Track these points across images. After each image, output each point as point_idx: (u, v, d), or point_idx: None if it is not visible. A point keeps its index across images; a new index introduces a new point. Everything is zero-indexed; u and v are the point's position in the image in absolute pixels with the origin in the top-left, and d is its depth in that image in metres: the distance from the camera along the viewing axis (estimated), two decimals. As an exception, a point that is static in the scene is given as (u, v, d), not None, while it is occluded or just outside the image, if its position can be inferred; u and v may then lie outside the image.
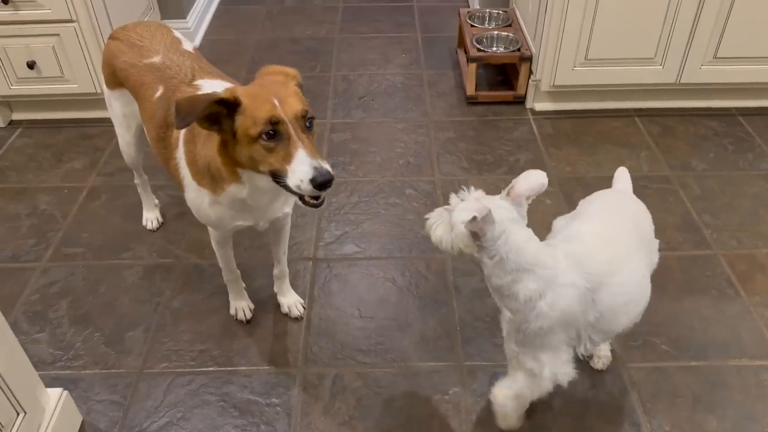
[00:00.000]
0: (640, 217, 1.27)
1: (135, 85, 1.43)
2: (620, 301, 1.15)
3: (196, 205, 1.31)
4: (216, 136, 1.13)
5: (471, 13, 2.65)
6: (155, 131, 1.36)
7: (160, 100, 1.35)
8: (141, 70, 1.41)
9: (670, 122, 2.31)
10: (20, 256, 1.80)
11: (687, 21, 2.10)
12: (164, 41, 1.45)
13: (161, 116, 1.34)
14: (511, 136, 2.27)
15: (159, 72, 1.38)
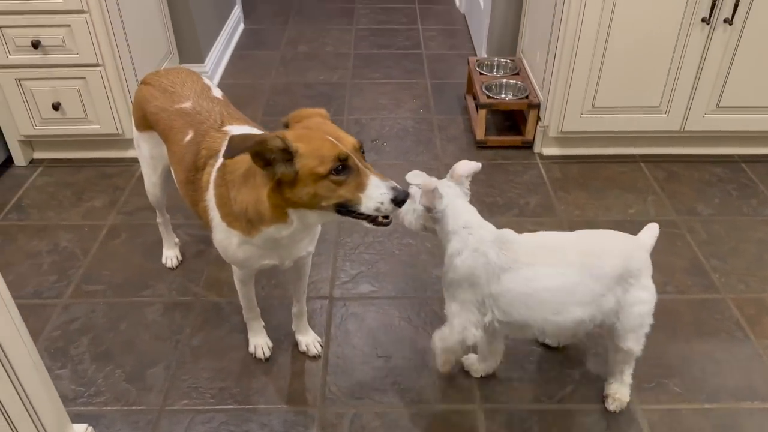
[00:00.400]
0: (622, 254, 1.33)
1: (165, 128, 1.48)
2: (521, 290, 1.30)
3: (224, 246, 1.35)
4: (257, 181, 1.17)
5: (480, 61, 2.74)
6: (184, 174, 1.40)
7: (189, 144, 1.40)
8: (171, 115, 1.47)
9: (675, 168, 2.37)
10: (42, 292, 1.83)
11: (690, 72, 2.18)
12: (194, 88, 1.51)
13: (190, 160, 1.38)
14: (520, 179, 2.33)
15: (189, 117, 1.44)
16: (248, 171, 1.19)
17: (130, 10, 2.28)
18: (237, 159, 1.18)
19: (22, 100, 2.23)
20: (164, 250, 1.94)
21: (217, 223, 1.31)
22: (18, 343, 1.11)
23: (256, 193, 1.19)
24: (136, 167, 2.38)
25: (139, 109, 1.56)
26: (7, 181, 2.31)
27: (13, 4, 2.03)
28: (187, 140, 1.41)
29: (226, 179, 1.25)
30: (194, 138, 1.40)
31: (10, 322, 1.09)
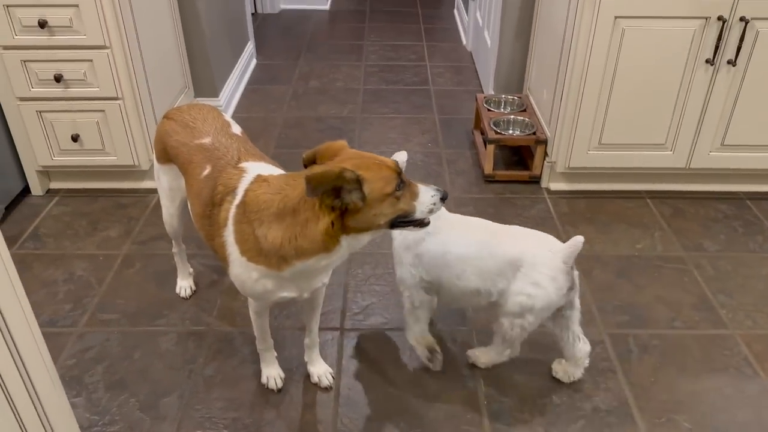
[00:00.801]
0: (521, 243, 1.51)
1: (184, 162, 1.53)
2: (435, 252, 1.54)
3: (241, 281, 1.36)
4: (303, 217, 1.20)
5: (487, 98, 2.80)
6: (201, 208, 1.43)
7: (207, 179, 1.43)
8: (191, 150, 1.51)
9: (681, 204, 2.41)
10: (57, 321, 1.86)
11: (695, 111, 2.23)
12: (215, 124, 1.56)
13: (207, 195, 1.41)
14: (528, 213, 2.36)
15: (208, 152, 1.48)
16: (283, 209, 1.22)
17: (150, 46, 2.35)
18: (261, 197, 1.24)
19: (42, 132, 2.28)
20: (178, 279, 1.97)
21: (235, 258, 1.33)
22: (41, 368, 1.13)
23: (297, 229, 1.21)
24: (150, 198, 2.42)
25: (160, 142, 1.61)
26: (24, 210, 2.35)
27: (38, 39, 2.10)
28: (204, 175, 1.44)
29: (249, 217, 1.27)
30: (211, 173, 1.43)
31: (34, 347, 1.12)
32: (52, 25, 2.08)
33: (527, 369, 1.71)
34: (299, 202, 1.20)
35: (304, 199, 1.19)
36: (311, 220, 1.20)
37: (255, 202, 1.26)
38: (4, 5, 2.04)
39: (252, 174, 1.35)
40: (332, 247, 1.22)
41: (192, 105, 1.64)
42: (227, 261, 1.36)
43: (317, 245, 1.21)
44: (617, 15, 2.07)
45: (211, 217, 1.38)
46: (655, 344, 1.80)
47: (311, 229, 1.20)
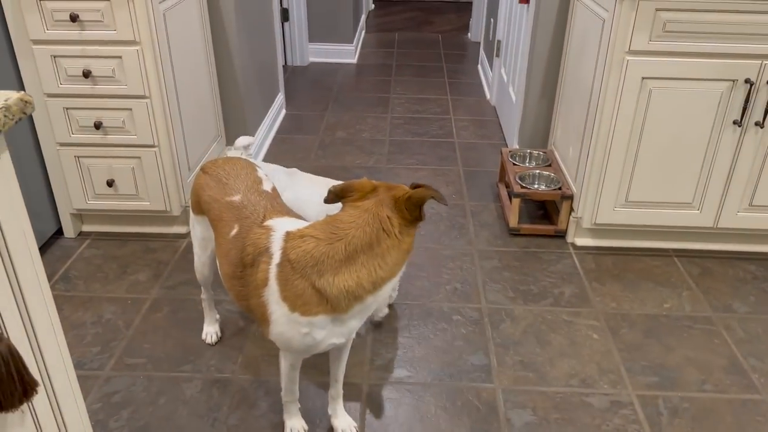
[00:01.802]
0: None
1: (214, 219, 1.55)
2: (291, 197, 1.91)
3: (287, 338, 1.35)
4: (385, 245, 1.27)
5: (512, 152, 2.84)
6: (230, 269, 1.43)
7: (234, 239, 1.44)
8: (221, 207, 1.53)
9: (709, 264, 2.39)
10: (84, 363, 1.87)
11: (722, 171, 2.24)
12: (246, 181, 1.57)
13: (236, 256, 1.40)
14: (554, 268, 2.36)
15: (236, 211, 1.49)
16: (354, 251, 1.25)
17: (187, 96, 2.44)
18: (313, 252, 1.27)
19: (78, 176, 2.35)
20: (205, 325, 1.98)
21: (281, 316, 1.32)
22: (74, 411, 1.14)
23: (376, 262, 1.26)
24: (180, 242, 2.46)
25: (196, 195, 1.65)
26: (57, 251, 2.40)
27: (82, 88, 2.19)
28: (232, 235, 1.45)
29: (303, 273, 1.27)
30: (239, 233, 1.43)
31: (69, 391, 1.13)
32: (95, 75, 2.17)
33: (555, 429, 1.68)
34: (375, 236, 1.25)
35: (385, 232, 1.26)
36: (393, 246, 1.27)
37: (305, 258, 1.27)
38: (52, 56, 2.14)
39: (279, 232, 1.35)
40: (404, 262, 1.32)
41: (228, 159, 1.68)
42: (267, 320, 1.35)
43: (398, 267, 1.30)
44: (644, 76, 2.11)
45: (243, 278, 1.38)
46: (686, 407, 1.76)
47: (393, 254, 1.27)
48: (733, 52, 2.06)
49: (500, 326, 2.06)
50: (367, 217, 1.26)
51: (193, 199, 1.67)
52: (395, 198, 1.27)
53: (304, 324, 1.31)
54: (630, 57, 2.09)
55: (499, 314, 2.11)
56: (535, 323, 2.07)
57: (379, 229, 1.25)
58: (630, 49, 2.08)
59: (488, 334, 2.02)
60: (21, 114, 0.91)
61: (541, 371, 1.88)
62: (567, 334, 2.03)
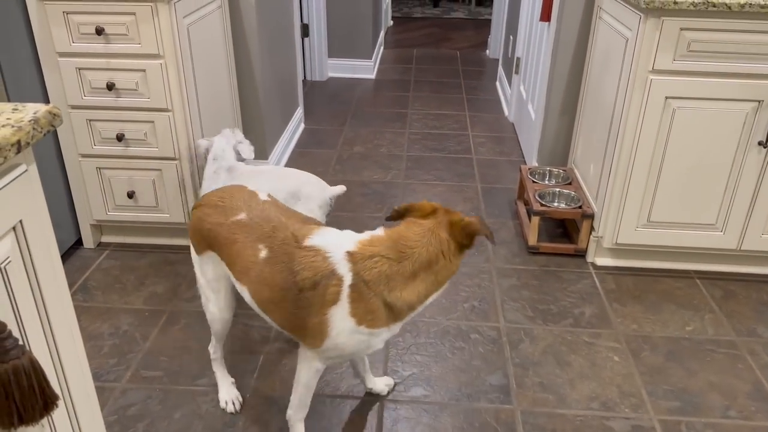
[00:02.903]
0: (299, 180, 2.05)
1: (225, 243, 1.48)
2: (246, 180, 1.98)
3: (342, 347, 1.40)
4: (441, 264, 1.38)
5: (532, 169, 2.82)
6: (275, 293, 1.40)
7: (272, 262, 1.40)
8: (230, 228, 1.48)
9: (732, 286, 2.34)
10: (101, 375, 1.87)
11: (747, 192, 2.21)
12: (242, 197, 1.54)
13: (285, 279, 1.38)
14: (574, 287, 2.33)
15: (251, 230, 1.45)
16: (417, 269, 1.36)
17: (208, 110, 2.45)
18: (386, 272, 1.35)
19: (99, 187, 2.37)
20: (223, 392, 1.78)
21: (345, 330, 1.37)
22: (91, 422, 1.13)
23: (432, 278, 1.38)
24: (197, 255, 2.46)
25: (196, 231, 1.57)
26: (76, 262, 2.41)
27: (105, 100, 2.21)
28: (263, 258, 1.42)
29: (376, 291, 1.35)
30: (274, 257, 1.40)
31: (87, 401, 1.13)
32: (119, 87, 2.19)
33: (575, 453, 1.64)
34: (434, 257, 1.36)
35: (441, 252, 1.37)
36: (446, 266, 1.38)
37: (380, 278, 1.35)
38: (77, 68, 2.17)
39: (337, 253, 1.37)
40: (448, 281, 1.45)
41: (218, 188, 1.63)
42: (324, 335, 1.38)
43: (444, 284, 1.43)
44: (668, 95, 2.09)
45: (299, 301, 1.38)
46: (710, 434, 1.72)
47: (445, 272, 1.39)
48: (758, 72, 2.04)
49: (519, 346, 2.03)
50: (430, 237, 1.37)
51: (195, 238, 1.58)
52: (452, 223, 1.38)
53: (366, 334, 1.39)
54: (653, 76, 2.07)
55: (517, 334, 2.09)
56: (554, 344, 2.04)
57: (439, 251, 1.36)
58: (653, 68, 2.07)
59: (507, 354, 2.00)
60: (49, 127, 0.91)
61: (561, 393, 1.84)
62: (587, 355, 1.99)
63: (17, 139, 0.85)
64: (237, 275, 1.49)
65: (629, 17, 2.15)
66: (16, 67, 2.07)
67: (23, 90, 2.11)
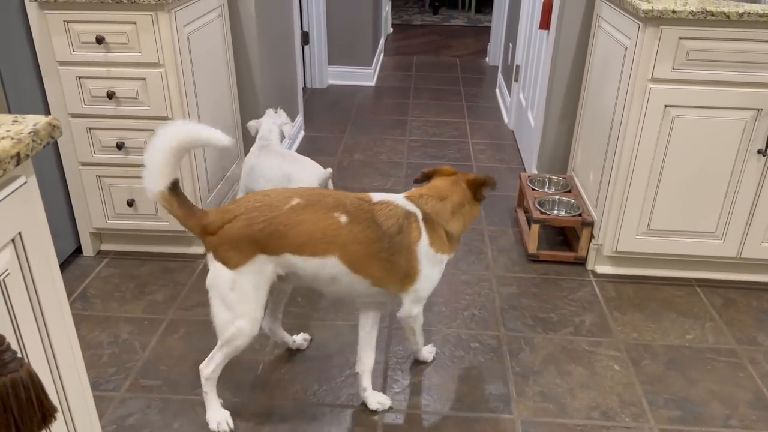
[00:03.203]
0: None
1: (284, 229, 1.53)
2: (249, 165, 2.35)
3: (431, 279, 1.70)
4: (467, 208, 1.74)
5: (531, 177, 2.82)
6: (370, 247, 1.58)
7: (356, 223, 1.58)
8: (289, 215, 1.53)
9: (732, 294, 2.34)
10: (100, 384, 1.87)
11: (746, 201, 2.21)
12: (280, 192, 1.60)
13: (374, 234, 1.58)
14: (574, 296, 2.32)
15: (315, 206, 1.56)
16: (453, 208, 1.70)
17: (209, 117, 2.46)
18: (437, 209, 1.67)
19: (99, 196, 2.37)
20: (212, 413, 1.72)
21: (430, 259, 1.66)
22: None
23: (466, 215, 1.74)
24: (197, 263, 2.46)
25: (242, 238, 1.52)
26: (75, 270, 2.41)
27: (105, 108, 2.21)
28: (345, 222, 1.56)
29: (439, 223, 1.67)
30: (357, 218, 1.58)
31: (86, 411, 1.12)
32: (119, 96, 2.19)
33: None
34: (462, 200, 1.72)
35: (465, 198, 1.72)
36: (469, 210, 1.75)
37: (436, 213, 1.66)
38: (77, 77, 2.17)
39: (398, 200, 1.66)
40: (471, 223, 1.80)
41: (244, 197, 1.61)
42: (417, 271, 1.65)
43: (468, 225, 1.77)
44: (667, 104, 2.09)
45: (391, 248, 1.61)
46: (711, 444, 1.71)
47: (469, 215, 1.76)
48: (757, 81, 2.04)
49: (519, 355, 2.03)
50: (456, 187, 1.72)
51: (238, 247, 1.52)
52: (468, 179, 1.75)
53: (440, 262, 1.69)
54: (652, 85, 2.08)
55: (518, 342, 2.08)
56: (554, 352, 2.04)
57: (463, 197, 1.72)
58: (653, 77, 2.07)
59: (507, 363, 1.99)
60: (49, 138, 0.91)
61: (561, 402, 1.84)
62: (588, 364, 1.99)
63: (17, 151, 0.85)
64: (317, 250, 1.56)
65: (628, 26, 2.15)
66: (16, 75, 2.07)
67: (23, 98, 2.11)
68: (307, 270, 1.58)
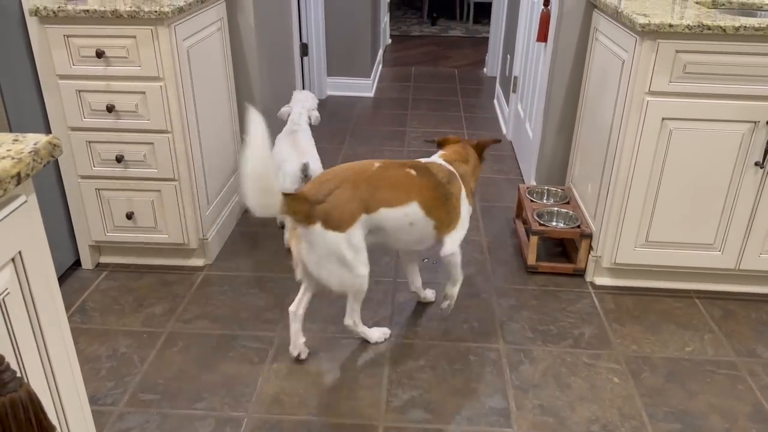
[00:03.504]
0: None
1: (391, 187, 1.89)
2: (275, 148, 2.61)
3: (467, 220, 2.09)
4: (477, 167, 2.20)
5: (530, 188, 2.83)
6: (437, 192, 1.96)
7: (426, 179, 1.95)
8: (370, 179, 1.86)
9: (731, 306, 2.34)
10: (98, 398, 1.86)
11: (744, 212, 2.21)
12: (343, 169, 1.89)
13: (435, 183, 1.97)
14: (573, 308, 2.32)
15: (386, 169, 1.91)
16: (473, 170, 2.16)
17: (207, 130, 2.47)
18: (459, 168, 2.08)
19: (98, 209, 2.37)
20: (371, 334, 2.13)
21: (466, 206, 2.07)
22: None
23: (476, 172, 2.19)
24: (196, 276, 2.46)
25: (350, 201, 1.80)
26: (74, 283, 2.41)
27: (105, 122, 2.22)
28: (416, 175, 1.93)
29: (466, 180, 2.08)
30: (421, 173, 1.95)
31: (83, 425, 1.12)
32: (119, 109, 2.20)
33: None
34: (476, 162, 2.18)
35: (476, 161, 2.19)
36: (476, 170, 2.19)
37: (464, 173, 2.09)
38: (77, 90, 2.18)
39: (441, 161, 2.07)
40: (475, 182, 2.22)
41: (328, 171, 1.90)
42: (458, 215, 2.04)
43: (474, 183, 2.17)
44: (665, 117, 2.10)
45: (447, 194, 1.99)
46: (711, 457, 1.71)
47: (476, 174, 2.19)
48: (753, 93, 2.06)
49: (519, 368, 2.02)
50: (469, 152, 2.16)
51: (347, 212, 1.79)
52: (472, 144, 2.20)
53: (470, 211, 2.11)
54: (650, 98, 2.09)
55: (517, 355, 2.08)
56: (554, 365, 2.04)
57: (476, 159, 2.18)
58: (650, 90, 2.08)
59: (507, 376, 1.99)
60: (49, 157, 0.92)
61: (561, 416, 1.84)
62: (587, 377, 1.99)
63: (17, 171, 0.85)
64: (403, 199, 1.90)
65: (625, 39, 2.17)
66: (16, 89, 2.08)
67: (23, 112, 2.12)
68: (392, 221, 1.89)
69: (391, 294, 2.39)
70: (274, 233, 2.81)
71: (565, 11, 2.63)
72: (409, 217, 1.90)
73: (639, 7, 2.20)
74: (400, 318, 2.26)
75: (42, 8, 2.05)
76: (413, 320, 2.25)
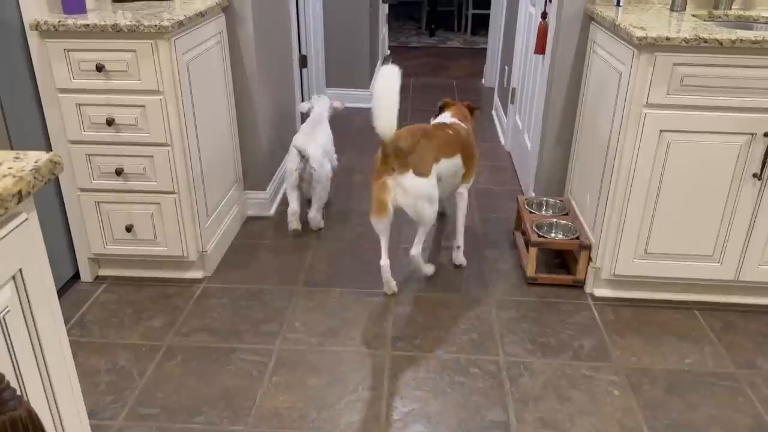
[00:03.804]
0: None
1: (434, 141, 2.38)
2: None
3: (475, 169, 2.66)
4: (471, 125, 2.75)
5: (529, 200, 2.83)
6: (465, 144, 2.55)
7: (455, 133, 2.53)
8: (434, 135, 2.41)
9: (731, 317, 2.34)
10: (97, 413, 1.85)
11: (743, 224, 2.22)
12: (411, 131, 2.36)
13: (463, 138, 2.54)
14: (573, 319, 2.32)
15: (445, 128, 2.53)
16: (474, 126, 2.71)
17: (207, 144, 2.47)
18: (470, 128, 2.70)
19: (98, 221, 2.37)
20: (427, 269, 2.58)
21: (477, 158, 2.64)
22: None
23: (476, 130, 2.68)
24: (195, 288, 2.46)
25: (431, 153, 2.30)
26: (73, 296, 2.41)
27: (105, 135, 2.23)
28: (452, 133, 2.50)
29: (475, 134, 2.65)
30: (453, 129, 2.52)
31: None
32: (119, 123, 2.21)
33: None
34: (471, 120, 2.72)
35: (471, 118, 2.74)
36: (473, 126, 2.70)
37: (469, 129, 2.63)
38: (77, 104, 2.19)
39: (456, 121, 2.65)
40: None
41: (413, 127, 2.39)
42: (474, 166, 2.62)
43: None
44: (663, 129, 2.11)
45: (470, 146, 2.57)
46: (712, 470, 1.70)
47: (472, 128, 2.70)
48: (751, 106, 2.07)
49: (519, 380, 2.02)
50: (466, 112, 2.76)
51: (429, 160, 2.27)
52: (467, 106, 2.80)
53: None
54: (648, 110, 2.10)
55: (517, 367, 2.08)
56: (554, 377, 2.03)
57: (471, 118, 2.74)
58: (648, 103, 2.09)
59: (506, 389, 1.98)
60: (50, 175, 0.92)
61: (562, 429, 1.83)
62: (587, 389, 1.98)
63: (18, 189, 0.85)
64: (454, 152, 2.44)
65: (623, 52, 2.18)
66: (16, 102, 2.08)
67: (23, 125, 2.12)
68: (448, 169, 2.40)
69: (392, 306, 2.39)
70: (273, 246, 2.81)
71: (563, 24, 2.65)
72: (454, 168, 2.44)
73: (636, 20, 2.22)
74: (398, 331, 2.26)
75: (42, 22, 2.06)
76: (412, 333, 2.25)
